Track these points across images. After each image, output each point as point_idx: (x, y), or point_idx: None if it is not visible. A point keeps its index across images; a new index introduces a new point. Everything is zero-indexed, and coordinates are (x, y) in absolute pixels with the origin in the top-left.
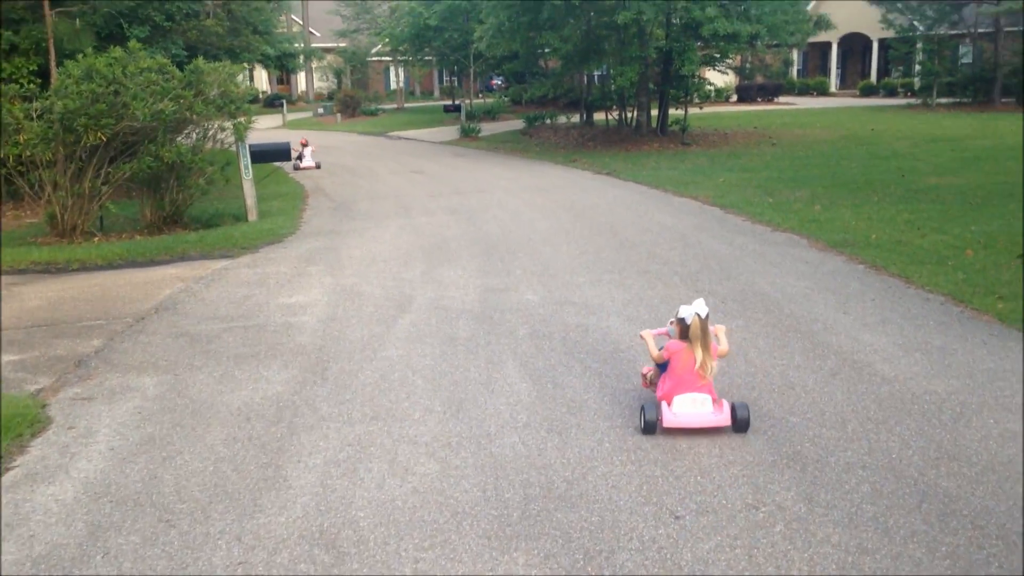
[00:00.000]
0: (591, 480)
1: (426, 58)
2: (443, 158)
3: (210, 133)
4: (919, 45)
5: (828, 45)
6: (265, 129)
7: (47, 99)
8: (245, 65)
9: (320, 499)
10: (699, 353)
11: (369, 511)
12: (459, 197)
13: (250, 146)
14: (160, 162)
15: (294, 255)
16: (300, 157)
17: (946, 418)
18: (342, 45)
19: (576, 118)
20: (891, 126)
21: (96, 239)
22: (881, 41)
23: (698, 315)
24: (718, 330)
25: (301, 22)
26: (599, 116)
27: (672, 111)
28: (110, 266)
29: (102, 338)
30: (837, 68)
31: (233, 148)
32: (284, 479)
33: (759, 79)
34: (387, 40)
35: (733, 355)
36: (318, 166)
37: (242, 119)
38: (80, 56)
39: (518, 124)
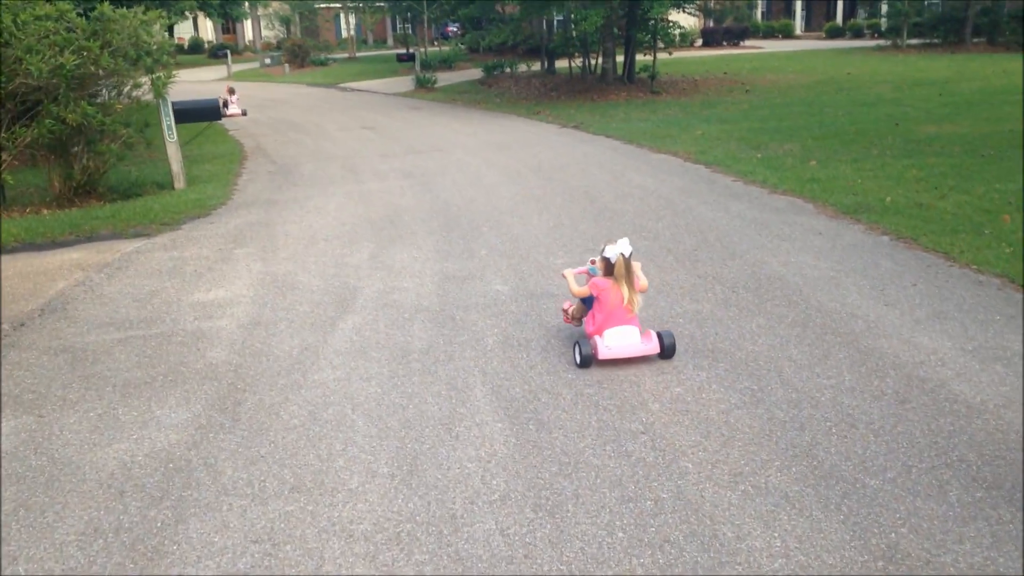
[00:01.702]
0: None
1: (378, 4)
2: (397, 112)
3: (124, 90)
4: None
5: None
6: (210, 81)
7: None
8: (162, 13)
9: None
10: (625, 290)
11: None
12: (414, 157)
13: (173, 104)
14: (64, 125)
15: (221, 233)
16: (226, 104)
17: None
18: None
19: (537, 66)
20: (866, 69)
21: None
22: None
23: (622, 255)
24: (636, 267)
25: None
26: (561, 64)
27: (638, 57)
28: (3, 250)
29: None
30: (802, 10)
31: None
32: None
33: (729, 21)
34: None
35: (764, 373)
36: (244, 113)
37: (160, 73)
38: None
39: (476, 73)
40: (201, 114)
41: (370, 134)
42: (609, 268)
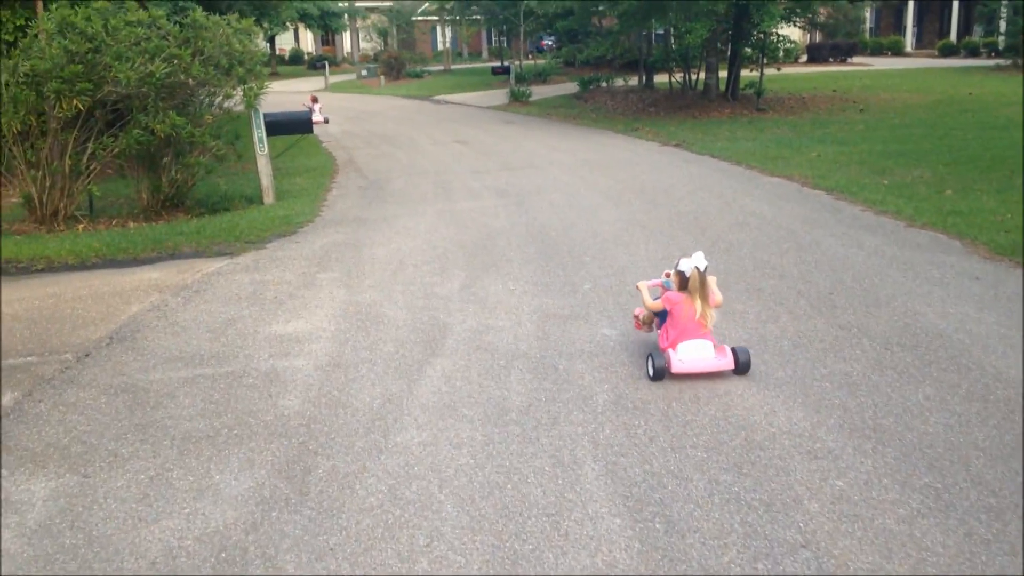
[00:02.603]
0: None
1: (474, 17)
2: (491, 126)
3: (216, 101)
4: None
5: (903, 2)
6: (306, 92)
7: (13, 58)
8: (256, 24)
9: None
10: (698, 304)
11: None
12: (508, 174)
13: (265, 116)
14: (152, 136)
15: (306, 254)
16: (310, 111)
17: None
18: (387, 4)
19: (634, 81)
20: (988, 90)
21: (81, 226)
22: None
23: (697, 268)
24: (711, 281)
25: None
26: (660, 79)
27: (742, 73)
28: (83, 266)
29: (17, 391)
30: (913, 27)
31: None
32: None
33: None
34: None
35: (947, 466)
36: (326, 121)
37: (253, 84)
38: (53, 6)
39: (571, 87)
40: (293, 127)
41: (463, 148)
42: (684, 282)
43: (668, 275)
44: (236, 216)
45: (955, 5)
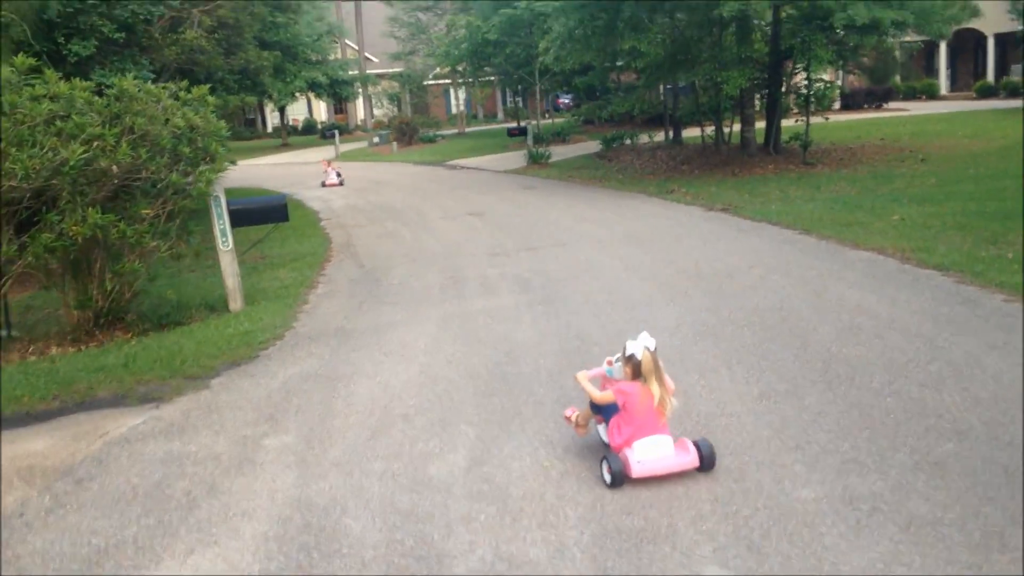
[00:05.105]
0: None
1: (487, 78)
2: (508, 192)
3: (162, 189)
4: None
5: (934, 43)
6: (316, 162)
7: None
8: (245, 94)
9: None
10: (656, 390)
11: None
12: (531, 256)
13: (230, 204)
14: (67, 240)
15: (259, 398)
16: (326, 173)
17: None
18: (397, 70)
19: (659, 136)
20: None
21: None
22: (997, 36)
23: (647, 348)
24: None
25: (356, 47)
26: (687, 133)
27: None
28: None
29: None
30: (947, 68)
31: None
32: None
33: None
34: (444, 59)
35: None
36: (342, 183)
37: (206, 167)
38: None
39: (592, 146)
40: (265, 214)
41: (478, 222)
42: (636, 368)
43: (610, 363)
44: (186, 334)
45: (991, 44)
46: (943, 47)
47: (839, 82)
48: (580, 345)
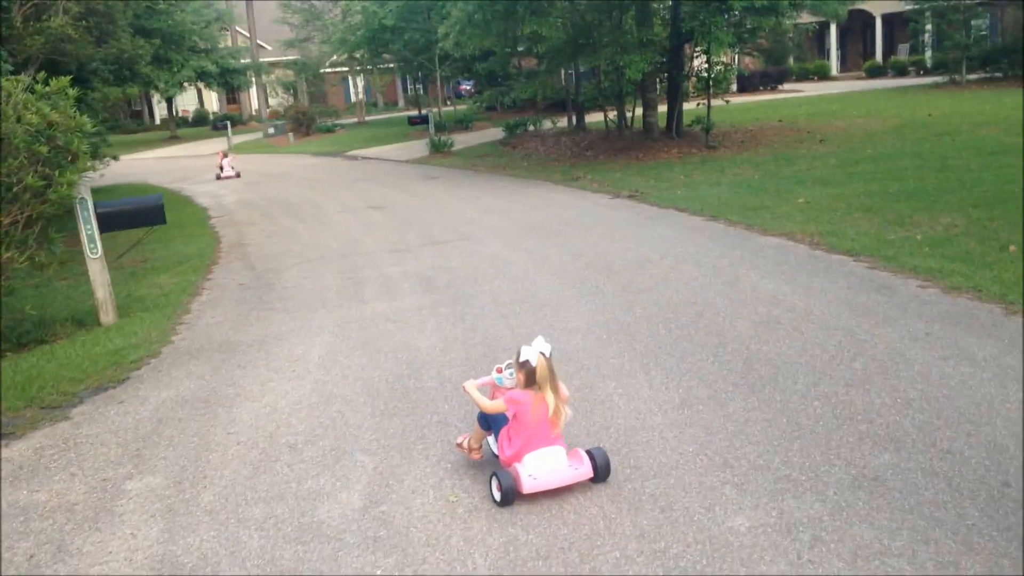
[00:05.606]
0: None
1: (386, 65)
2: (410, 183)
3: (16, 191)
4: (928, 15)
5: (825, 24)
6: (208, 155)
7: None
8: (124, 84)
9: None
10: (551, 399)
11: None
12: (435, 252)
13: (98, 207)
14: None
15: (125, 430)
16: (221, 168)
17: None
18: (292, 57)
19: (562, 122)
20: (944, 109)
21: None
22: (885, 16)
23: (542, 354)
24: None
25: (248, 34)
26: (591, 119)
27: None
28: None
29: None
30: (838, 49)
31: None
32: None
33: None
34: (340, 46)
35: None
36: (238, 175)
37: (68, 167)
38: None
39: (496, 133)
40: (139, 217)
41: (378, 216)
42: (530, 375)
43: (500, 370)
44: (47, 355)
45: (878, 24)
46: (834, 28)
47: (736, 64)
48: (487, 352)
